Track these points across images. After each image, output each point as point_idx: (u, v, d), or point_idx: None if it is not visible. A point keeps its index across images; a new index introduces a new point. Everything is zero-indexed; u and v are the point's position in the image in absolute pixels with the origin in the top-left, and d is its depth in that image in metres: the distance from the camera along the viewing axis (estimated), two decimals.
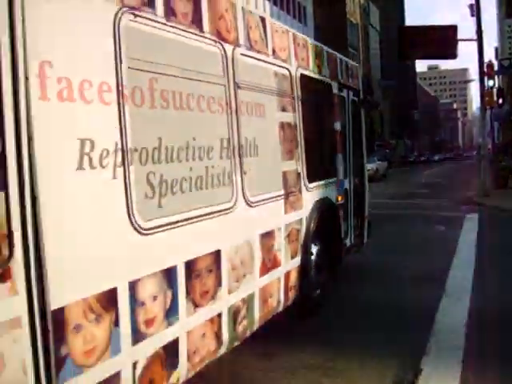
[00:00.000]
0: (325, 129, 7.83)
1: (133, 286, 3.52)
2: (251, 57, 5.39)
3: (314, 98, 7.21)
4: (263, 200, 5.41)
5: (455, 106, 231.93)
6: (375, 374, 5.14)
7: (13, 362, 2.70)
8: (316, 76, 7.19)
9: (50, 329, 2.88)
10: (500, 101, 22.27)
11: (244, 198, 5.00)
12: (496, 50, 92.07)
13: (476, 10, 22.03)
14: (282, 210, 5.89)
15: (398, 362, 5.36)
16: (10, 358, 2.68)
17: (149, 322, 3.69)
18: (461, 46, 21.13)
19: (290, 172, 6.14)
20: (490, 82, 21.84)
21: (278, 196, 5.78)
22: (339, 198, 7.89)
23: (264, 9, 51.59)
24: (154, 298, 3.75)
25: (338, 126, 8.00)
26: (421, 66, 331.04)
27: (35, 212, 2.83)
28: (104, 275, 3.31)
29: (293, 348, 5.76)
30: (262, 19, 5.71)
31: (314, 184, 6.77)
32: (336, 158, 7.96)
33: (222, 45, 4.79)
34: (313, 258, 6.85)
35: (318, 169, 7.09)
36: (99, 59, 3.37)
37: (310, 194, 6.63)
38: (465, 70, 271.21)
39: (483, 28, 21.87)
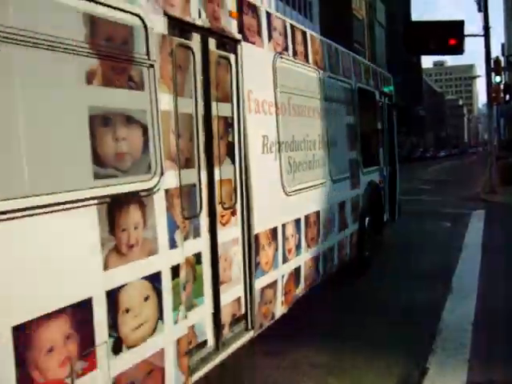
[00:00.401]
0: (372, 127, 9.85)
1: (283, 227, 5.69)
2: (333, 78, 7.55)
3: (365, 104, 9.17)
4: (339, 179, 7.55)
5: (461, 102, 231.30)
6: (381, 373, 5.11)
7: (234, 263, 4.85)
8: (366, 87, 9.36)
9: (252, 246, 5.01)
10: (507, 97, 22.14)
11: (330, 176, 7.18)
12: (502, 46, 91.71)
13: (483, 5, 21.90)
14: (349, 187, 8.06)
15: (404, 360, 5.34)
16: (231, 260, 4.81)
17: (290, 251, 5.85)
18: (467, 42, 20.96)
19: (353, 160, 8.32)
20: (497, 78, 21.69)
21: (347, 177, 7.95)
22: (380, 182, 10.03)
23: (270, 4, 51.51)
24: (292, 236, 5.92)
25: (379, 125, 10.27)
26: (426, 62, 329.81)
27: (247, 176, 4.95)
28: (270, 218, 5.43)
29: (299, 345, 5.73)
30: (336, 49, 7.84)
31: (366, 170, 8.91)
32: (379, 150, 10.19)
33: (318, 71, 6.97)
34: (365, 226, 8.81)
35: (368, 158, 9.14)
36: (269, 86, 5.58)
37: (364, 177, 8.79)
38: (471, 67, 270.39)
39: (490, 24, 21.77)
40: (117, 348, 3.31)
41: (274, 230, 5.48)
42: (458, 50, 21.02)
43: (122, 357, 3.34)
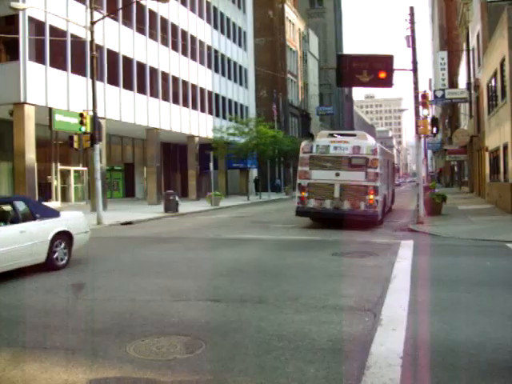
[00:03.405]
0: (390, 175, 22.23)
1: None
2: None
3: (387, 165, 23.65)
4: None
5: (390, 133, 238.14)
6: None
7: None
8: (388, 158, 24.93)
9: None
10: (434, 130, 22.77)
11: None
12: (430, 80, 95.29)
13: (412, 42, 22.56)
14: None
15: None
16: None
17: None
18: (396, 76, 21.54)
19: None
20: (425, 112, 22.30)
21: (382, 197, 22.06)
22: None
23: (204, 33, 51.64)
24: None
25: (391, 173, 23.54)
26: (358, 94, 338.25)
27: None
28: None
29: (223, 382, 5.45)
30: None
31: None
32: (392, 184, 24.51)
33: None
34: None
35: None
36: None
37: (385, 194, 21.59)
38: (399, 100, 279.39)
39: (418, 59, 22.46)
40: None
41: None
42: (388, 83, 21.56)
43: None
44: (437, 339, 6.70)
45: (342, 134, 22.90)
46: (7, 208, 11.59)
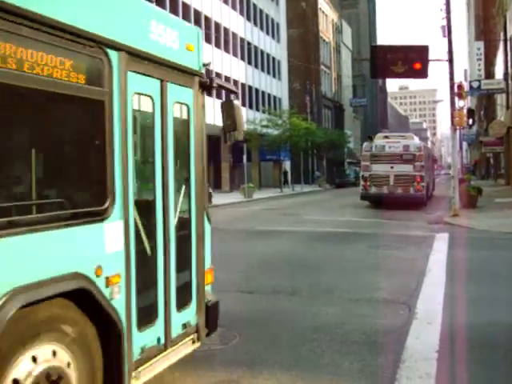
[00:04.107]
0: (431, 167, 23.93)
1: None
2: None
3: (429, 158, 30.29)
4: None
5: (425, 125, 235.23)
6: None
7: None
8: (429, 153, 29.76)
9: None
10: (470, 121, 22.43)
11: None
12: (465, 71, 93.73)
13: (448, 31, 22.23)
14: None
15: None
16: None
17: None
18: (430, 66, 21.23)
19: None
20: (461, 103, 21.98)
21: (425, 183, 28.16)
22: None
23: (237, 24, 51.63)
24: None
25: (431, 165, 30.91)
26: (392, 86, 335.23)
27: None
28: None
29: (258, 374, 5.45)
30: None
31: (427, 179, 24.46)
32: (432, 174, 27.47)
33: None
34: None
35: None
36: None
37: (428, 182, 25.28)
38: (434, 91, 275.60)
39: (453, 49, 22.14)
40: None
41: None
42: (423, 74, 21.31)
43: None
44: (473, 333, 6.62)
45: (394, 136, 30.31)
46: None
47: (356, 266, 11.33)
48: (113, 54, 4.01)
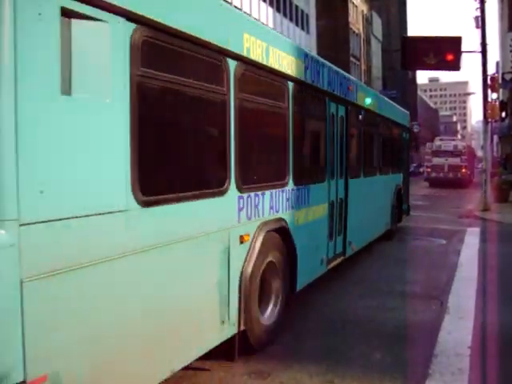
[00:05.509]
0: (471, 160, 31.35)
1: None
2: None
3: (470, 153, 43.33)
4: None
5: (455, 118, 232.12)
6: None
7: None
8: (471, 151, 49.13)
9: None
10: (503, 114, 22.05)
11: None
12: (497, 63, 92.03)
13: (481, 22, 21.85)
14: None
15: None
16: None
17: None
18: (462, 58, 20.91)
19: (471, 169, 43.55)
20: (494, 95, 21.62)
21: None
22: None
23: (267, 15, 51.49)
24: None
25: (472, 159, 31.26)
26: (422, 78, 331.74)
27: None
28: None
29: (289, 366, 5.46)
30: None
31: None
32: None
33: None
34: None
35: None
36: None
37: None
38: (465, 83, 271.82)
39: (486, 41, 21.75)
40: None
41: None
42: (455, 66, 20.98)
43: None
44: (506, 329, 6.54)
45: (447, 139, 47.43)
46: None
47: (386, 258, 11.29)
48: None
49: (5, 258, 2.84)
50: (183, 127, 4.68)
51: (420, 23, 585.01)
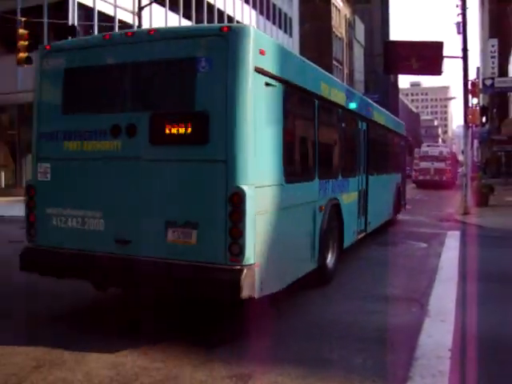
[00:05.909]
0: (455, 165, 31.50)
1: None
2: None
3: (454, 159, 46.24)
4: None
5: (436, 123, 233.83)
6: None
7: None
8: (454, 156, 52.87)
9: None
10: (483, 119, 22.26)
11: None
12: (478, 69, 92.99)
13: (462, 28, 22.04)
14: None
15: None
16: None
17: None
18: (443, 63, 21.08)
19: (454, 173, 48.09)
20: (474, 100, 21.82)
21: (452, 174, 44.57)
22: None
23: (250, 18, 51.50)
24: None
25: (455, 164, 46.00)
26: (403, 82, 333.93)
27: None
28: None
29: (270, 370, 5.43)
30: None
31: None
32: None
33: None
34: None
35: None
36: None
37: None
38: (446, 88, 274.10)
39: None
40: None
41: None
42: (437, 70, 21.19)
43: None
44: (487, 332, 6.57)
45: (433, 145, 53.60)
46: None
47: (366, 261, 11.29)
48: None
49: (250, 203, 5.81)
50: (303, 142, 8.22)
51: (403, 28, 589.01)
